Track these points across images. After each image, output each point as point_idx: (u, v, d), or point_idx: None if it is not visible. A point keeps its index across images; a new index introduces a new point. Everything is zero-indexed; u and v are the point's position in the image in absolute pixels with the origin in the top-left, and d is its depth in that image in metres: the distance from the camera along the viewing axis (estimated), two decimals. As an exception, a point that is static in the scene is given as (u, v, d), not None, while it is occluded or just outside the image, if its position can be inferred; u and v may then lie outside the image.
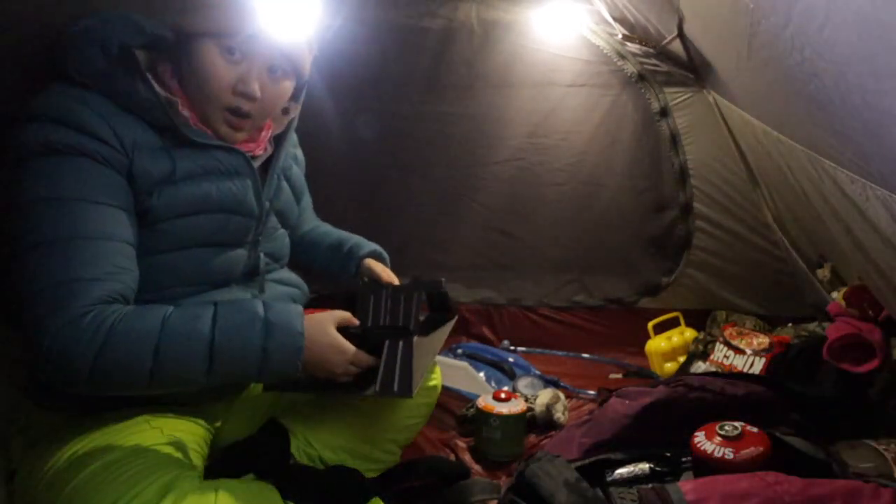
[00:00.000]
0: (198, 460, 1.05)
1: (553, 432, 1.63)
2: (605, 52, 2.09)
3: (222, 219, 1.08)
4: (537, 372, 2.04)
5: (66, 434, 0.98)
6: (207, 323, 0.92)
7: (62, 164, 0.92)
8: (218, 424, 1.19)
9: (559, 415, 1.69)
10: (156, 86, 0.99)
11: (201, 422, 1.12)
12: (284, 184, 1.24)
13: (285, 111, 1.20)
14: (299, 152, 1.38)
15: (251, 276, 1.18)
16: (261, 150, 1.16)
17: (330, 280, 1.45)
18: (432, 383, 1.42)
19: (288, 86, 1.12)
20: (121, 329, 0.87)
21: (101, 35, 0.97)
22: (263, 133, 1.17)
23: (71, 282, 0.88)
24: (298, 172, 1.33)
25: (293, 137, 1.32)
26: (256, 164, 1.14)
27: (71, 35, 0.97)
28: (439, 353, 2.10)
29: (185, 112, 1.03)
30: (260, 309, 0.96)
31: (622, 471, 1.22)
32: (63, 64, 0.97)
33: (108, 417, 1.01)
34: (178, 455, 1.00)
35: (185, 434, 1.05)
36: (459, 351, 2.18)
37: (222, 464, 1.13)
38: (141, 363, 0.88)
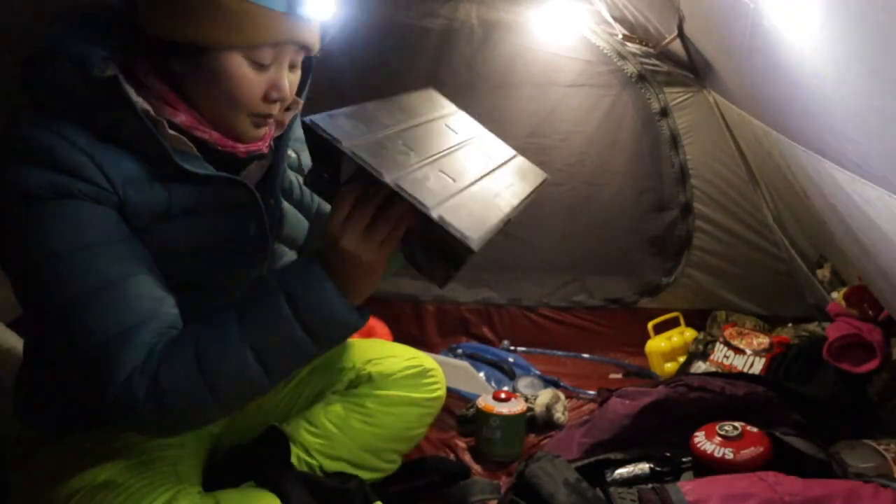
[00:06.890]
0: (196, 470, 1.03)
1: (553, 432, 1.63)
2: (605, 52, 2.09)
3: (221, 259, 0.98)
4: (537, 372, 2.04)
5: (57, 450, 0.95)
6: (239, 343, 0.84)
7: (49, 212, 0.82)
8: (217, 431, 1.17)
9: (559, 415, 1.68)
10: (142, 105, 0.85)
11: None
12: (285, 203, 1.09)
13: (287, 108, 1.04)
14: (305, 156, 1.16)
15: None
16: (266, 146, 1.03)
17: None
18: (436, 394, 1.32)
19: (300, 72, 1.00)
20: (165, 382, 0.82)
21: (74, 52, 0.83)
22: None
23: (109, 341, 0.81)
24: (295, 177, 1.13)
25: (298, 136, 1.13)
26: (256, 177, 1.01)
27: (38, 50, 0.85)
28: (441, 354, 2.10)
29: (179, 117, 0.90)
30: (279, 293, 0.85)
31: (622, 471, 1.22)
32: (34, 86, 0.85)
33: (100, 433, 0.97)
34: (177, 468, 0.97)
35: (183, 443, 1.03)
36: (459, 351, 2.18)
37: (222, 470, 1.12)
38: (205, 404, 0.85)
